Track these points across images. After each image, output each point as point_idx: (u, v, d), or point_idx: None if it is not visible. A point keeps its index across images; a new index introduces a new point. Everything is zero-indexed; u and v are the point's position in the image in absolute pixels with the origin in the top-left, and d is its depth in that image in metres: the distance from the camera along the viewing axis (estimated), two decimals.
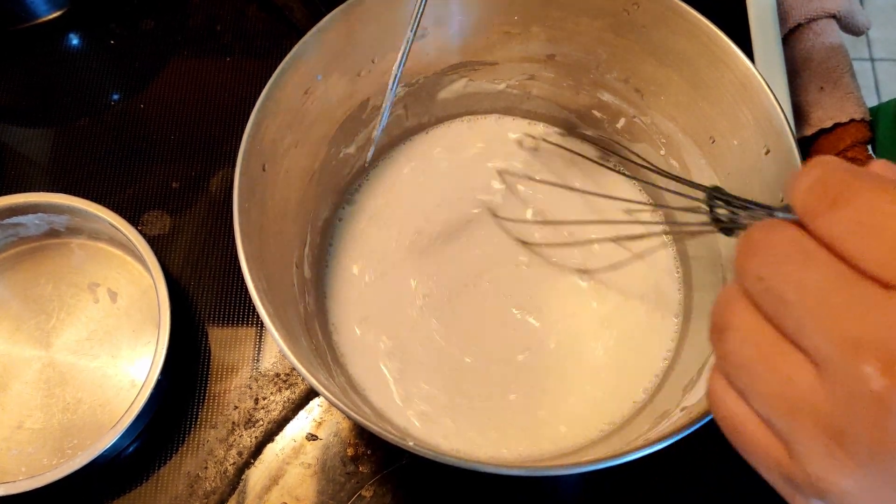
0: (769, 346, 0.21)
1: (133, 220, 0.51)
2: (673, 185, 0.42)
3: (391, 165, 0.54)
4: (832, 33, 0.62)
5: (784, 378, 0.21)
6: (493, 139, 0.55)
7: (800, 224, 0.22)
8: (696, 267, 0.49)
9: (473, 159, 0.54)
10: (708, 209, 0.34)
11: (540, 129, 0.55)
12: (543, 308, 0.49)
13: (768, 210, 0.28)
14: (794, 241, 0.21)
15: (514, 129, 0.55)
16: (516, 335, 0.48)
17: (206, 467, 0.47)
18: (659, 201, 0.52)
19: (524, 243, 0.51)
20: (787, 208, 0.24)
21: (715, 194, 0.34)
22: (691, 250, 0.49)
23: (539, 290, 0.49)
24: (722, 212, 0.34)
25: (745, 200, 0.31)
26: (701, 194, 0.35)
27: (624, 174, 0.53)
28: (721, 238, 0.45)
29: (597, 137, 0.53)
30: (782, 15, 0.62)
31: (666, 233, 0.52)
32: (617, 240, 0.51)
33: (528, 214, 0.52)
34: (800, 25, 0.63)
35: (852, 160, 0.57)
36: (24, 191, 0.48)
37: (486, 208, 0.52)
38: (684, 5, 0.42)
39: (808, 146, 0.60)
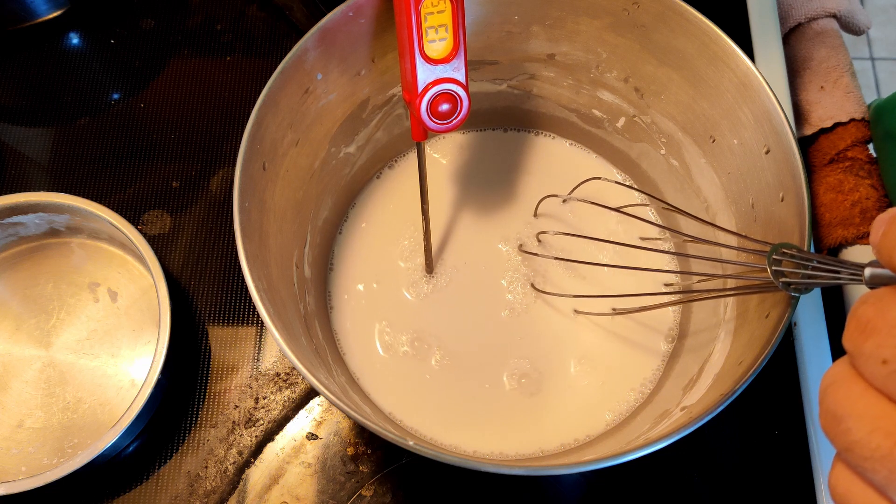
0: None
1: (133, 220, 0.51)
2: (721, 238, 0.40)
3: (397, 171, 0.54)
4: (832, 32, 0.62)
5: None
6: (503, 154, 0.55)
7: None
8: (695, 263, 0.49)
9: (483, 171, 0.54)
10: (769, 264, 0.32)
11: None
12: (543, 308, 0.49)
13: (855, 268, 0.25)
14: None
15: (515, 144, 0.55)
16: (517, 334, 0.48)
17: (206, 466, 0.47)
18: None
19: (529, 253, 0.51)
20: (874, 263, 0.22)
21: (786, 251, 0.31)
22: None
23: (540, 293, 0.49)
24: (789, 269, 0.31)
25: (829, 260, 0.29)
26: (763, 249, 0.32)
27: (677, 231, 0.50)
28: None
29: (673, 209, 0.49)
30: (782, 14, 0.62)
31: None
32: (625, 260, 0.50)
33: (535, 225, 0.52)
34: (800, 25, 0.63)
35: (852, 160, 0.57)
36: (24, 190, 0.48)
37: (493, 216, 0.52)
38: (684, 5, 0.42)
39: (808, 146, 0.60)
